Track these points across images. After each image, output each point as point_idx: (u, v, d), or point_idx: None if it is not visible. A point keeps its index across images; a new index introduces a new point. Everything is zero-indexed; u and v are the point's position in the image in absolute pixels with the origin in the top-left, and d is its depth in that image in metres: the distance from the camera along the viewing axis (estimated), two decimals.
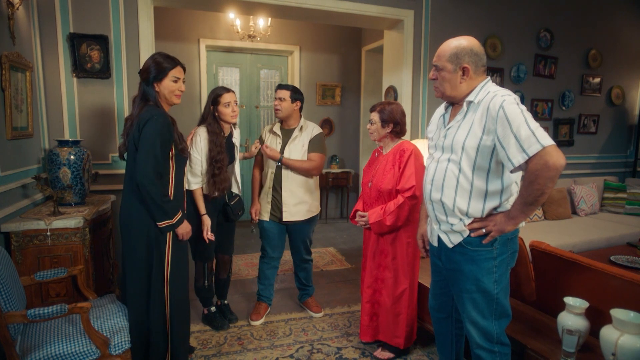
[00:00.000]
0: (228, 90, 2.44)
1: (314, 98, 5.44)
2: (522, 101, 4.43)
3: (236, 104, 2.46)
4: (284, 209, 2.62)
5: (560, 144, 4.74)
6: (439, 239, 1.66)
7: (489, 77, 1.58)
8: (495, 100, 1.44)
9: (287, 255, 2.98)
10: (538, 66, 4.48)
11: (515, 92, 4.39)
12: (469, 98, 1.54)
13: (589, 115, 4.89)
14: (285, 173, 2.60)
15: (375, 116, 2.23)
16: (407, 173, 2.10)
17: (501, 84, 4.30)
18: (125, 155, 1.96)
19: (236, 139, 2.56)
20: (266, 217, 2.68)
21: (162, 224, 1.86)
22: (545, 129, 4.88)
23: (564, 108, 4.72)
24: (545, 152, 1.33)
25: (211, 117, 2.43)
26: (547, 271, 2.00)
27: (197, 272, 2.60)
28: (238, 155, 2.62)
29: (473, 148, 1.49)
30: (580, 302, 1.67)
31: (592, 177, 4.70)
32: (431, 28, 3.91)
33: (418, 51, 3.90)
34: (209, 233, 2.39)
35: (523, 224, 1.56)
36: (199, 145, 2.38)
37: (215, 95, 2.42)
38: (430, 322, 2.19)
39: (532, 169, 1.35)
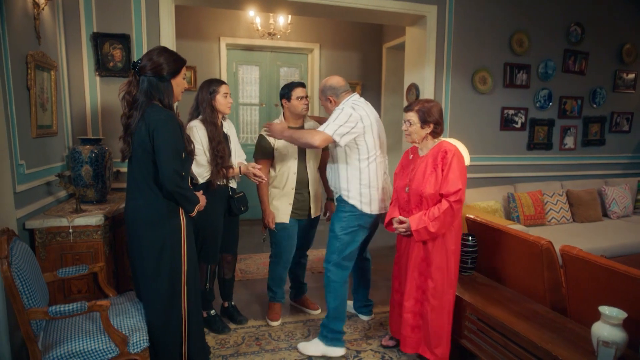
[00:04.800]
0: (225, 81, 2.50)
1: None
2: (550, 99, 4.28)
3: (230, 96, 2.49)
4: (312, 205, 2.67)
5: (589, 143, 4.57)
6: None
7: (350, 96, 2.36)
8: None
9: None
10: (567, 62, 4.30)
11: (542, 89, 4.26)
12: None
13: (621, 113, 4.67)
14: (311, 173, 2.63)
15: (413, 116, 2.08)
16: (452, 176, 1.98)
17: (528, 81, 4.15)
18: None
19: (226, 128, 2.53)
20: (286, 219, 2.61)
21: (194, 213, 1.94)
22: (574, 127, 4.64)
23: (594, 106, 4.52)
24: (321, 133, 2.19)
25: (209, 107, 2.40)
26: (580, 278, 1.89)
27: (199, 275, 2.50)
28: (233, 146, 2.55)
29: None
30: (617, 312, 1.56)
31: (624, 178, 4.48)
32: (455, 24, 3.80)
33: (441, 48, 3.80)
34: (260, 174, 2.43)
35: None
36: (198, 136, 2.35)
37: (215, 85, 2.41)
38: (467, 338, 2.14)
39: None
